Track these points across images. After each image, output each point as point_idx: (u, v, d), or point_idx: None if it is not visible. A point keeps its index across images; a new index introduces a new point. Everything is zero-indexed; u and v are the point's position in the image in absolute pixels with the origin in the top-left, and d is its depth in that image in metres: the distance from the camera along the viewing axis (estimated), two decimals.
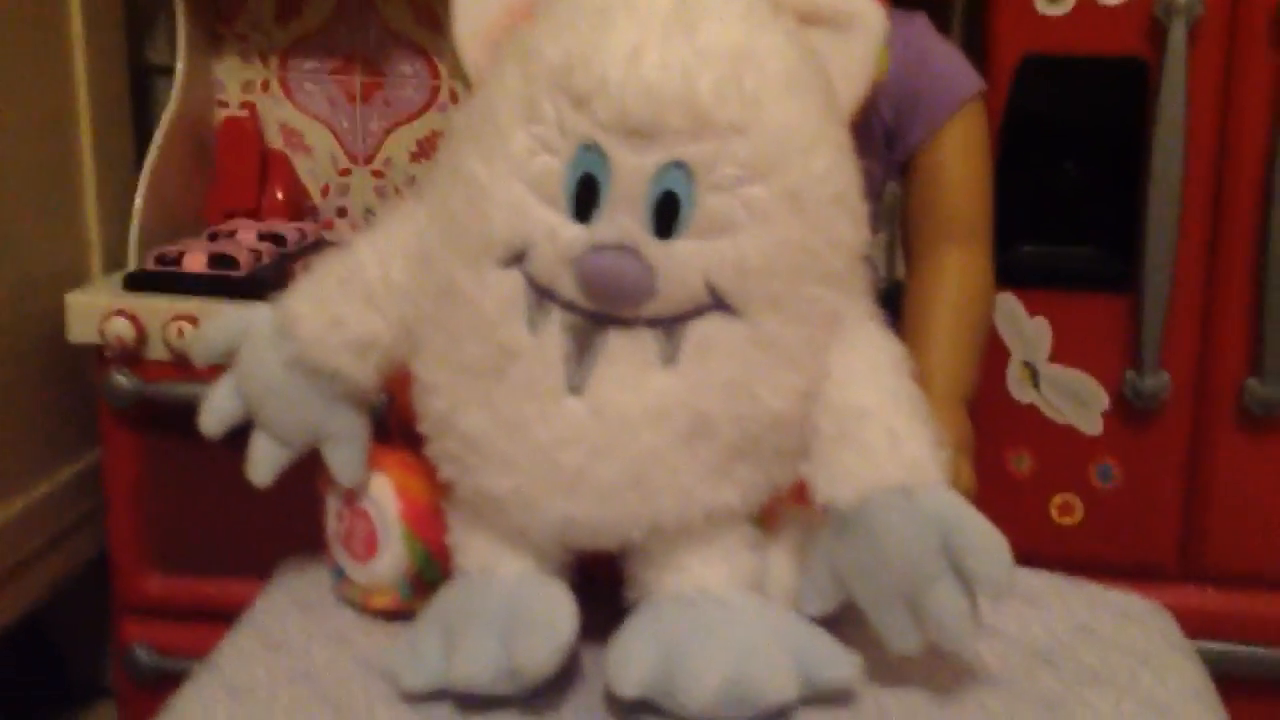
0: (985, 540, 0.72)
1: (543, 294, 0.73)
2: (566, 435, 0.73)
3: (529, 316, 0.73)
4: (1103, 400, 1.27)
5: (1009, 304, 1.25)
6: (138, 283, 1.35)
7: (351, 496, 0.84)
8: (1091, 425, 1.28)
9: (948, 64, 0.96)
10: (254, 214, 1.53)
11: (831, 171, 0.73)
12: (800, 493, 0.76)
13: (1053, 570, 0.92)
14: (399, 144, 1.58)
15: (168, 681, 0.82)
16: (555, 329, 0.73)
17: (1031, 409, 1.28)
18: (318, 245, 1.45)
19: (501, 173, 0.72)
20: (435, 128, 1.57)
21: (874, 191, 0.87)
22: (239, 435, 0.84)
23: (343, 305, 0.79)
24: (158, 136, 1.44)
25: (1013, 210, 1.06)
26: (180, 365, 1.30)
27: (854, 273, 0.76)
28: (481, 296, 0.74)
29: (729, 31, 0.70)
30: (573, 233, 0.71)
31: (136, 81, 1.56)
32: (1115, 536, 1.29)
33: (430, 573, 0.82)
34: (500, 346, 0.73)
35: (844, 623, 0.76)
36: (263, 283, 1.28)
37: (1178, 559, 1.30)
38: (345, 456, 0.82)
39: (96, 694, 1.59)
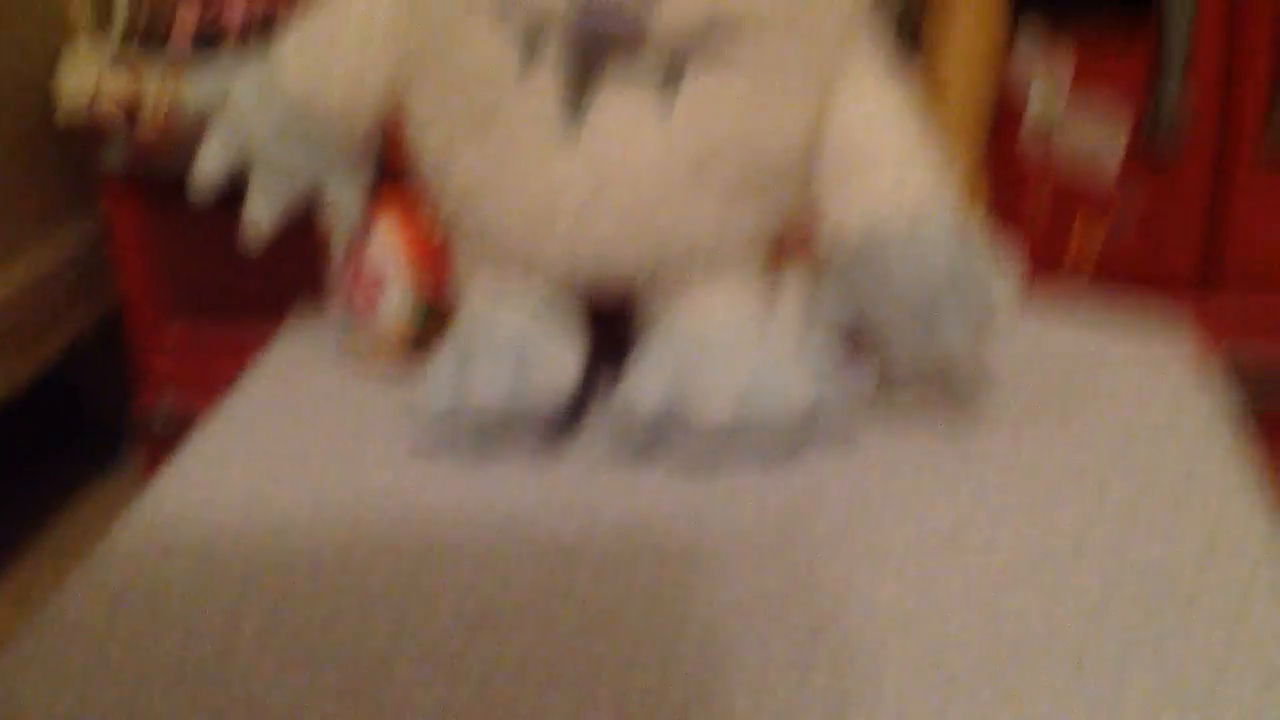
0: (993, 261, 0.71)
1: (535, 38, 0.70)
2: (560, 185, 0.71)
3: (519, 66, 0.70)
4: (1123, 134, 1.25)
5: (1028, 35, 1.22)
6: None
7: (354, 240, 0.84)
8: (1113, 156, 1.26)
9: None
10: None
11: None
12: (807, 246, 0.75)
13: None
14: None
15: (188, 428, 0.85)
16: (548, 77, 0.70)
17: (1050, 141, 1.26)
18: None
19: None
20: None
21: None
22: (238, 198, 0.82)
23: (334, 47, 0.77)
24: None
25: None
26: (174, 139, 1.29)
27: (859, 4, 0.73)
28: (470, 42, 0.71)
29: None
30: None
31: None
32: (1135, 261, 1.29)
33: (433, 318, 0.83)
34: (490, 96, 0.71)
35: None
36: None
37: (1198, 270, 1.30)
38: (345, 198, 0.81)
39: (119, 443, 1.64)
